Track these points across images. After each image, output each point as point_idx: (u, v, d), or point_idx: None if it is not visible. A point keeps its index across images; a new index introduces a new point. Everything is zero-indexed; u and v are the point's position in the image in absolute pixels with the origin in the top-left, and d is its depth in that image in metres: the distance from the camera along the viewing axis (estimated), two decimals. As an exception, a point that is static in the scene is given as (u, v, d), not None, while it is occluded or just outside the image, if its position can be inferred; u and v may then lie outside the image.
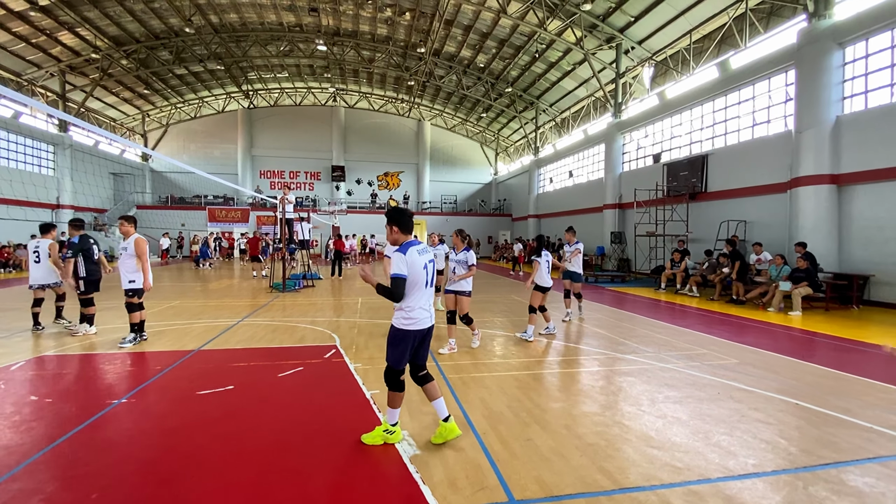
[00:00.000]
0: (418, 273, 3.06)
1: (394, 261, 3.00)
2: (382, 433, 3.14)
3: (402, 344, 3.09)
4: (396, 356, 3.10)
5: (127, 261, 5.97)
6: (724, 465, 2.93)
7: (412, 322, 3.08)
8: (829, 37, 10.84)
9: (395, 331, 3.11)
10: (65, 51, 21.50)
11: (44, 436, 3.26)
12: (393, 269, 2.97)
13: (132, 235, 6.03)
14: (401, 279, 2.96)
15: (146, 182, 31.20)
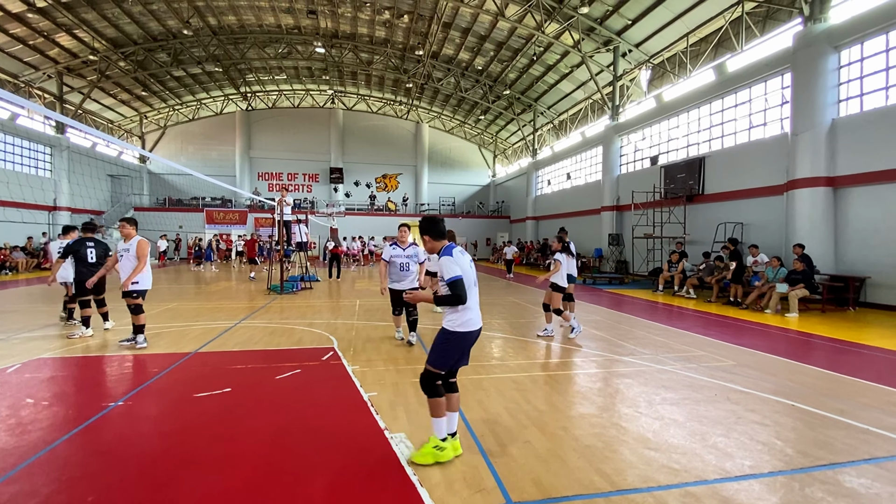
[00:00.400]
0: (467, 272, 3.01)
1: (447, 265, 2.93)
2: (433, 450, 2.91)
3: (456, 347, 2.98)
4: (444, 360, 2.96)
5: (129, 262, 5.97)
6: (720, 466, 2.94)
7: (468, 323, 2.99)
8: (825, 40, 10.91)
9: (448, 334, 2.97)
10: (62, 53, 21.49)
11: (40, 439, 3.24)
12: (449, 274, 2.90)
13: (134, 237, 6.05)
14: (460, 280, 2.89)
15: (144, 184, 31.15)
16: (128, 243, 6.01)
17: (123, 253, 6.02)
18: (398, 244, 6.21)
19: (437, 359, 2.96)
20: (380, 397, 4.15)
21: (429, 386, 2.96)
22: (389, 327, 7.49)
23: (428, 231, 3.13)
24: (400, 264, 6.14)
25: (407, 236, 6.19)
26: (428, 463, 2.89)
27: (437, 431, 2.95)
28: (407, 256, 6.10)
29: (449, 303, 2.90)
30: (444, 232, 3.15)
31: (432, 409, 2.97)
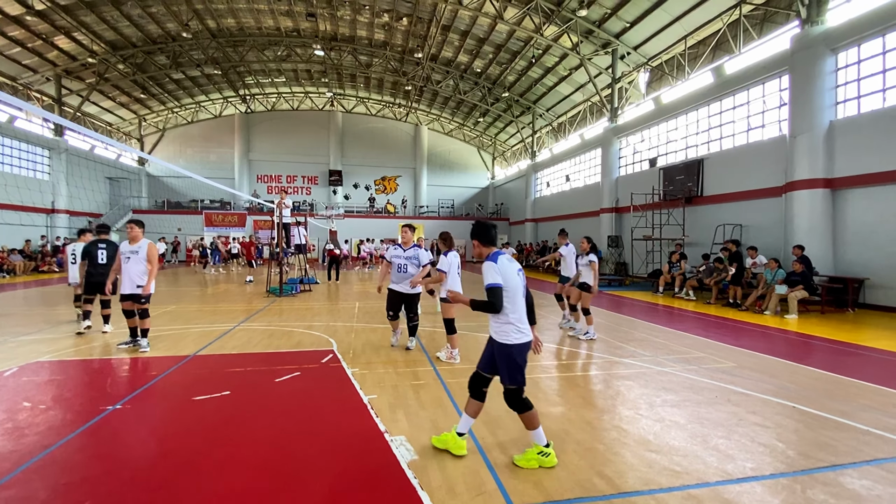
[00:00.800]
0: (514, 281, 2.99)
1: (488, 271, 2.93)
2: (537, 455, 2.93)
3: (522, 358, 2.98)
4: (519, 373, 2.96)
5: (137, 265, 5.90)
6: (722, 468, 2.93)
7: (523, 334, 2.98)
8: (822, 42, 10.95)
9: (510, 348, 2.95)
10: (61, 55, 21.48)
11: (37, 443, 3.22)
12: (489, 280, 2.90)
13: (143, 240, 6.03)
14: (498, 288, 2.88)
15: (142, 186, 31.11)
16: (135, 245, 5.94)
17: (131, 255, 5.91)
18: (400, 245, 6.06)
19: (514, 374, 2.96)
20: (380, 400, 4.13)
21: (518, 403, 2.97)
22: (389, 329, 7.46)
23: (477, 236, 3.16)
24: (398, 265, 5.93)
25: (409, 236, 6.02)
26: (532, 468, 2.91)
27: (539, 440, 2.96)
28: (406, 258, 5.92)
29: (483, 308, 2.93)
30: (493, 239, 3.17)
31: (528, 423, 2.98)
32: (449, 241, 5.91)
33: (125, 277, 5.92)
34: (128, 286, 5.89)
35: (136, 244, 5.98)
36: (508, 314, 2.95)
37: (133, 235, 5.98)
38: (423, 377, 4.86)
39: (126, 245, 5.98)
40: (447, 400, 4.16)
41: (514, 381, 2.96)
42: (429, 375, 4.93)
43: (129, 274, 5.89)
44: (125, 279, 5.92)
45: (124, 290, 5.91)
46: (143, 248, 5.96)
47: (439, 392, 4.37)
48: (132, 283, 5.88)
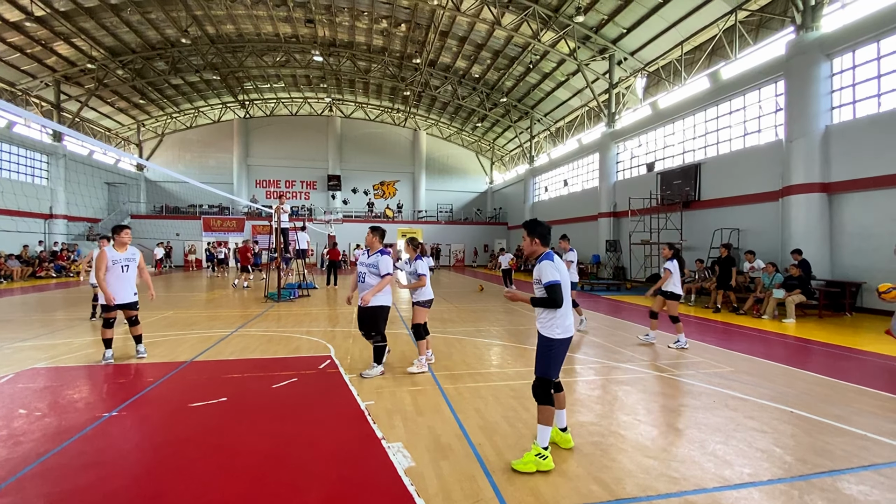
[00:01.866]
0: (566, 279, 3.09)
1: (547, 269, 3.02)
2: (535, 458, 2.94)
3: (562, 353, 3.08)
4: (555, 366, 3.06)
5: (134, 273, 5.79)
6: (720, 474, 2.92)
7: (568, 328, 3.09)
8: (817, 48, 11.04)
9: (551, 342, 3.07)
10: (60, 61, 21.53)
11: (32, 450, 3.20)
12: (548, 277, 3.00)
13: (132, 247, 5.84)
14: (558, 285, 2.99)
15: (141, 192, 31.09)
16: (129, 253, 5.74)
17: (129, 263, 5.72)
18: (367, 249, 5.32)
19: (549, 367, 3.07)
20: (377, 406, 4.12)
21: (544, 394, 3.05)
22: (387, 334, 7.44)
23: (535, 234, 3.18)
24: (358, 273, 5.23)
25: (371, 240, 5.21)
26: (530, 471, 2.91)
27: (542, 440, 3.00)
28: (366, 265, 5.13)
29: (546, 305, 3.03)
30: (549, 239, 3.21)
31: (542, 417, 3.03)
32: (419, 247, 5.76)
33: (125, 286, 5.67)
34: (126, 296, 5.68)
35: (129, 251, 5.77)
36: (559, 310, 3.05)
37: (126, 242, 5.74)
38: (421, 383, 4.85)
39: (117, 253, 5.65)
40: (444, 406, 4.15)
41: (547, 374, 3.07)
42: (426, 381, 4.92)
43: (130, 282, 5.72)
44: (120, 291, 5.61)
45: (123, 299, 5.65)
46: (138, 256, 5.86)
47: (437, 398, 4.36)
48: (130, 293, 5.72)
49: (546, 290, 3.02)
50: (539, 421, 3.04)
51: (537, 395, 3.08)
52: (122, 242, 5.71)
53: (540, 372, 3.10)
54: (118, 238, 5.69)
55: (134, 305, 5.76)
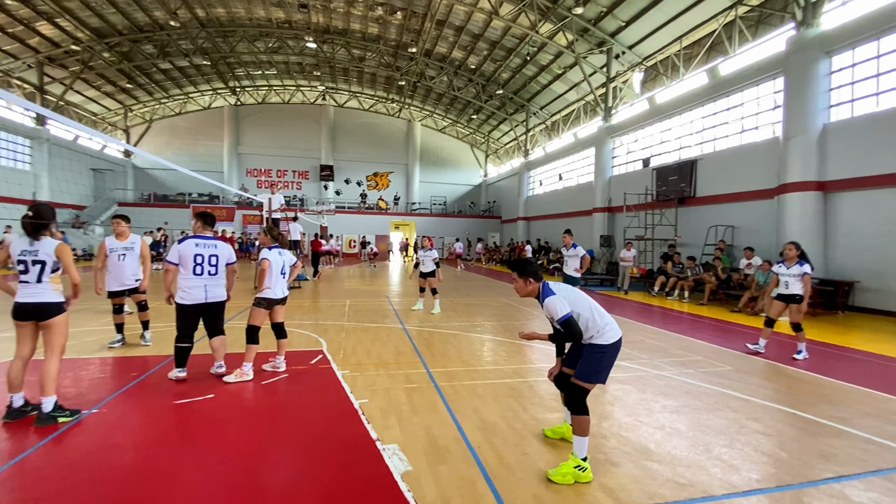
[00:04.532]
0: (583, 298, 2.99)
1: (554, 305, 2.84)
2: (574, 470, 2.76)
3: (611, 360, 2.94)
4: (600, 374, 2.91)
5: (133, 262, 5.83)
6: (727, 480, 2.83)
7: (617, 330, 2.98)
8: (817, 45, 10.97)
9: (603, 348, 2.90)
10: (43, 42, 20.85)
11: (4, 451, 3.02)
12: (560, 313, 2.82)
13: (133, 235, 5.94)
14: (570, 317, 2.83)
15: (128, 179, 30.47)
16: (127, 242, 5.83)
17: (126, 252, 5.78)
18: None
19: (593, 374, 2.89)
20: (371, 405, 3.97)
21: (581, 403, 2.85)
22: (381, 329, 7.32)
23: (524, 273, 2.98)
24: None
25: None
26: (568, 483, 2.74)
27: (580, 450, 2.81)
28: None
29: (564, 340, 2.96)
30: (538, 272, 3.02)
31: (579, 427, 2.84)
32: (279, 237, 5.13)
33: (119, 275, 5.73)
34: (124, 282, 5.76)
35: (128, 240, 5.85)
36: (597, 322, 2.91)
37: (122, 231, 5.81)
38: (416, 380, 4.72)
39: (115, 241, 5.77)
40: (441, 405, 4.02)
41: (590, 381, 2.90)
42: (422, 378, 4.78)
43: (125, 272, 5.76)
44: (119, 277, 5.73)
45: (117, 286, 5.74)
46: (137, 245, 5.91)
47: (433, 396, 4.23)
48: (127, 280, 5.79)
49: (562, 326, 2.85)
50: (575, 432, 2.85)
51: (572, 404, 2.87)
52: (120, 232, 5.79)
53: (582, 377, 2.89)
54: (114, 227, 5.81)
55: (136, 290, 5.85)
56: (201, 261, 4.49)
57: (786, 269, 6.12)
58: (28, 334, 3.53)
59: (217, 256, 4.58)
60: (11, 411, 3.49)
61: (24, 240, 3.51)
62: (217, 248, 4.61)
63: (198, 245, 4.51)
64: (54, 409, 3.47)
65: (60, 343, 3.59)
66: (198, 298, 4.48)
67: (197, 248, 4.50)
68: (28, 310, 3.44)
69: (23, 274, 3.46)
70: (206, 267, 4.51)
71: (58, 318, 3.53)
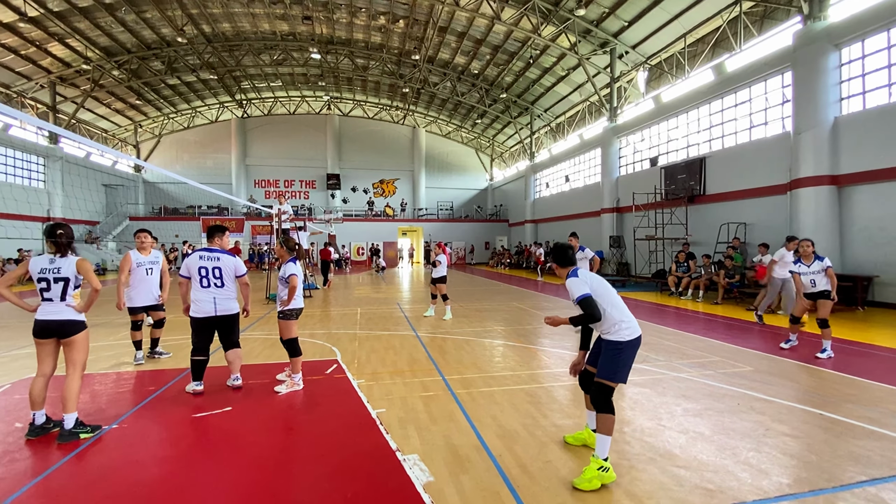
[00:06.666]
0: (603, 285, 3.05)
1: (574, 285, 2.95)
2: (597, 472, 2.72)
3: (631, 356, 2.95)
4: (622, 371, 2.92)
5: (157, 277, 5.89)
6: (757, 485, 2.76)
7: (635, 329, 2.98)
8: (825, 38, 10.85)
9: (621, 345, 2.92)
10: (55, 62, 21.28)
11: (29, 469, 3.04)
12: (577, 293, 2.91)
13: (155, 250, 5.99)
14: (589, 297, 2.89)
15: (139, 193, 30.89)
16: (153, 256, 5.87)
17: (153, 267, 5.82)
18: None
19: (616, 371, 2.91)
20: (388, 414, 3.95)
21: (606, 401, 2.86)
22: (394, 336, 7.30)
23: (556, 259, 3.20)
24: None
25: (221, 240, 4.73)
26: (594, 488, 2.71)
27: (602, 451, 2.80)
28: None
29: (585, 321, 2.95)
30: (572, 259, 3.18)
31: (603, 426, 2.84)
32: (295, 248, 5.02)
33: (146, 289, 5.75)
34: (148, 298, 5.79)
35: (153, 255, 5.90)
36: (614, 315, 2.95)
37: (145, 246, 5.83)
38: (433, 388, 4.69)
39: (141, 256, 5.75)
40: (459, 413, 3.98)
41: (614, 378, 2.91)
42: (438, 386, 4.75)
43: (151, 286, 5.82)
44: (146, 291, 5.74)
45: (144, 302, 5.74)
46: (160, 259, 5.97)
47: (450, 404, 4.19)
48: (153, 295, 5.83)
49: (579, 305, 2.91)
50: (599, 430, 2.85)
51: (598, 402, 2.88)
52: (142, 246, 5.79)
53: (605, 376, 2.91)
54: (137, 241, 5.82)
55: (159, 307, 5.89)
56: (206, 273, 4.51)
57: (806, 268, 6.00)
58: (49, 352, 3.56)
59: (220, 269, 4.56)
60: (34, 428, 3.51)
61: (44, 258, 3.54)
62: (220, 260, 4.59)
63: (202, 258, 4.54)
64: (76, 425, 3.49)
65: (82, 360, 3.62)
66: (207, 311, 4.49)
67: (201, 260, 4.53)
68: (51, 327, 3.47)
69: (44, 292, 3.49)
70: (211, 279, 4.52)
71: (79, 335, 3.56)
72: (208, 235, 4.72)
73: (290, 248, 4.94)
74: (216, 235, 4.74)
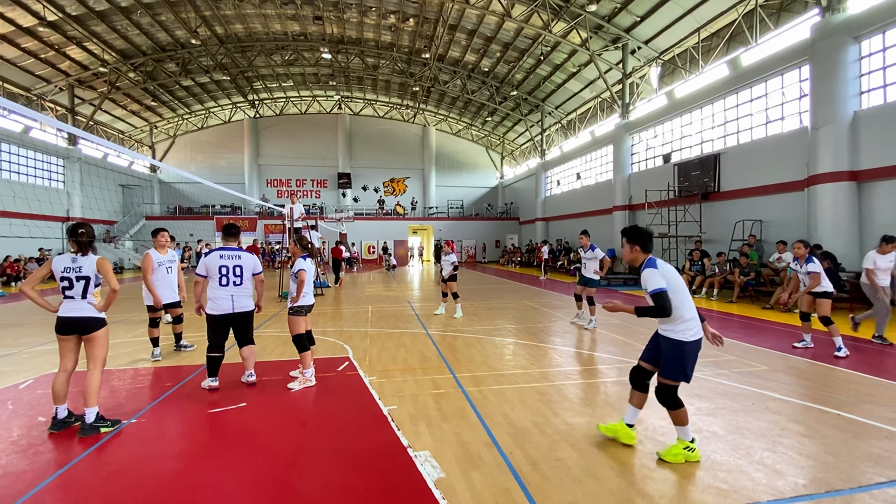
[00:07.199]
0: (678, 280, 3.02)
1: (651, 277, 2.93)
2: (683, 451, 2.98)
3: (693, 357, 2.99)
4: (685, 371, 2.97)
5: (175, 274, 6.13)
6: (772, 486, 2.73)
7: (697, 331, 3.00)
8: (844, 31, 10.60)
9: (685, 345, 2.95)
10: (73, 65, 21.74)
11: (52, 461, 3.13)
12: (654, 285, 2.90)
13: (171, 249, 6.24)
14: (664, 292, 2.88)
15: (154, 193, 31.43)
16: (171, 255, 6.13)
17: (171, 265, 6.09)
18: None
19: (678, 371, 2.97)
20: (400, 411, 3.98)
21: (672, 399, 2.99)
22: (405, 334, 7.34)
23: (637, 240, 3.11)
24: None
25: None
26: (678, 462, 2.95)
27: (685, 436, 3.01)
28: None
29: (653, 314, 2.91)
30: (651, 245, 3.14)
31: (678, 419, 3.01)
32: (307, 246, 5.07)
33: (166, 287, 6.00)
34: (168, 296, 6.04)
35: (170, 254, 6.14)
36: (683, 314, 2.95)
37: (163, 244, 6.07)
38: (443, 385, 4.71)
39: (160, 255, 6.00)
40: (470, 410, 4.00)
41: (674, 378, 2.98)
42: (449, 383, 4.77)
43: (172, 284, 6.10)
44: (166, 289, 5.98)
45: (164, 299, 5.97)
46: (177, 258, 6.23)
47: (461, 402, 4.21)
48: (172, 292, 6.10)
49: (652, 298, 2.91)
50: (676, 423, 3.04)
51: (665, 401, 3.00)
52: (161, 245, 6.04)
53: (669, 376, 2.99)
54: (156, 241, 6.05)
55: (178, 304, 6.17)
56: (226, 272, 4.59)
57: (800, 268, 6.15)
58: (71, 348, 3.66)
59: (241, 267, 4.66)
60: (57, 422, 3.61)
61: (66, 257, 3.64)
62: (241, 258, 4.70)
63: (222, 257, 4.62)
64: (96, 419, 3.58)
65: (102, 356, 3.72)
66: (225, 309, 4.57)
67: (221, 259, 4.60)
68: (72, 324, 3.57)
69: (67, 290, 3.59)
70: (231, 278, 4.61)
71: (100, 331, 3.65)
72: (227, 234, 4.79)
73: (304, 246, 5.01)
74: (236, 235, 4.84)
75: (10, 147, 20.44)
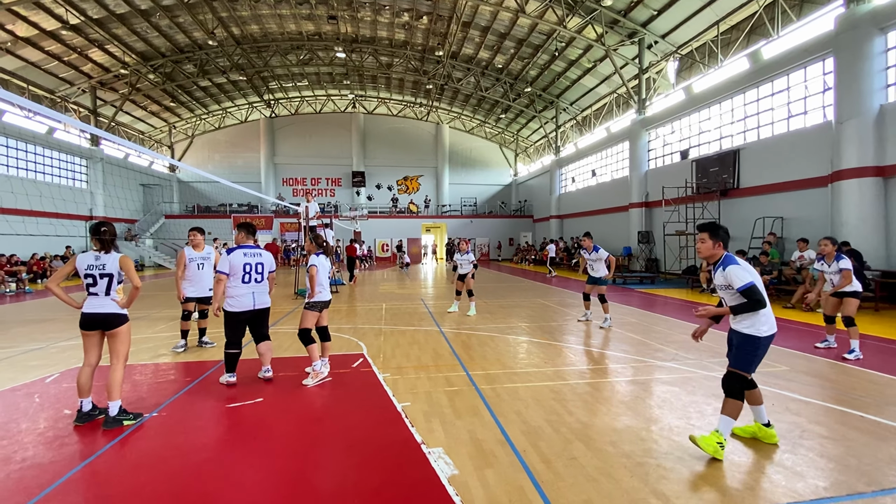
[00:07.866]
0: (757, 276, 3.11)
1: (737, 274, 3.04)
2: (716, 445, 3.00)
3: (765, 351, 3.10)
4: (755, 364, 3.09)
5: (210, 271, 6.28)
6: (791, 488, 2.68)
7: (773, 325, 3.11)
8: (870, 22, 10.28)
9: (758, 340, 3.06)
10: (95, 67, 22.30)
11: (77, 453, 3.23)
12: (742, 281, 3.01)
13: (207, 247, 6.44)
14: (754, 286, 3.00)
15: (174, 192, 32.07)
16: (204, 252, 6.32)
17: (204, 262, 6.28)
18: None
19: (750, 363, 3.08)
20: (413, 408, 4.01)
21: (737, 389, 3.08)
22: (418, 332, 7.38)
23: (718, 236, 3.21)
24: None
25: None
26: (707, 451, 2.98)
27: (725, 429, 3.04)
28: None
29: (751, 309, 3.03)
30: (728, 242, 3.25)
31: (729, 409, 3.06)
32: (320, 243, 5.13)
33: (198, 283, 6.22)
34: (199, 290, 6.25)
35: (203, 251, 6.32)
36: (766, 308, 3.07)
37: (198, 242, 6.29)
38: (457, 383, 4.72)
39: (194, 252, 6.23)
40: (483, 408, 4.00)
41: (746, 370, 3.07)
42: (462, 381, 4.78)
43: (204, 281, 6.28)
44: (198, 285, 6.22)
45: (194, 294, 6.21)
46: (212, 256, 6.37)
47: (475, 400, 4.22)
48: (204, 287, 6.29)
49: (744, 294, 3.01)
50: (724, 412, 3.06)
51: (729, 388, 3.08)
52: (196, 243, 6.29)
53: (739, 366, 3.08)
54: (191, 239, 6.31)
55: (208, 300, 6.32)
56: (249, 269, 4.69)
57: (827, 267, 5.90)
58: (95, 343, 3.77)
59: (263, 264, 4.80)
60: (81, 415, 3.73)
61: (90, 255, 3.75)
62: (262, 256, 4.82)
63: (245, 255, 4.71)
64: (119, 412, 3.69)
65: (125, 350, 3.82)
66: (246, 305, 4.67)
67: (245, 257, 4.70)
68: (96, 320, 3.68)
69: (91, 287, 3.70)
70: (253, 275, 4.71)
71: (122, 327, 3.76)
72: (248, 232, 4.86)
73: (319, 244, 5.08)
74: (254, 233, 4.95)
75: (36, 148, 21.08)
